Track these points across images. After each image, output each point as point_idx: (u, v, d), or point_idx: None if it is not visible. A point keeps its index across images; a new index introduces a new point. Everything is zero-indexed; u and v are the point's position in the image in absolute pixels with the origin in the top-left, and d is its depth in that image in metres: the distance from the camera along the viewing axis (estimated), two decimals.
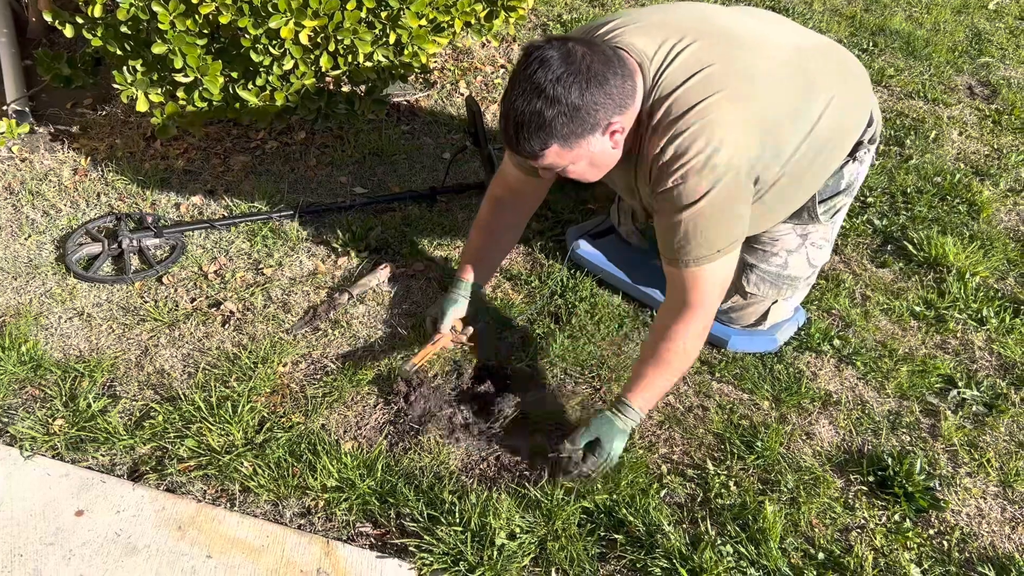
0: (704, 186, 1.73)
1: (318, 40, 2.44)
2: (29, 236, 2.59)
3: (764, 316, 2.28)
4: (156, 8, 2.26)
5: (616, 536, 1.84)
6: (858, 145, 2.08)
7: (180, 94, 2.48)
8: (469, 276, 2.22)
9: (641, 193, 1.98)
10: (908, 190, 2.99)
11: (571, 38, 1.70)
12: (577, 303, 2.41)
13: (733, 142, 1.72)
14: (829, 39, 2.09)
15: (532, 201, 2.28)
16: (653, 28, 1.84)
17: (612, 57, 1.71)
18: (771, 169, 1.88)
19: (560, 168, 1.79)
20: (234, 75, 2.51)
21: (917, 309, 2.48)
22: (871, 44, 4.01)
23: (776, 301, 2.25)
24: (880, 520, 1.92)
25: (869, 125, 2.08)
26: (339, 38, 2.42)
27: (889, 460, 2.02)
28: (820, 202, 2.12)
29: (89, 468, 1.94)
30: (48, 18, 2.50)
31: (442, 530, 1.80)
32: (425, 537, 1.80)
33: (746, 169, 1.77)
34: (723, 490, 1.95)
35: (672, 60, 1.77)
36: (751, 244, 2.20)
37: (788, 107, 1.86)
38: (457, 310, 2.19)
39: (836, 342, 2.34)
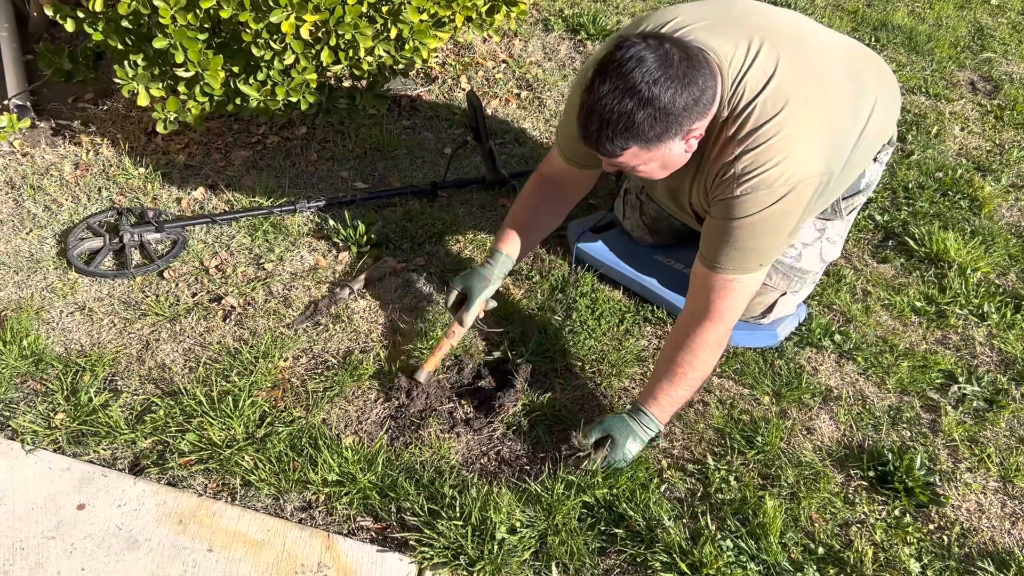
0: (769, 199, 1.72)
1: (319, 35, 2.44)
2: (30, 231, 2.59)
3: (770, 309, 2.28)
4: (157, 2, 2.25)
5: (616, 530, 1.84)
6: (881, 146, 2.10)
7: (181, 89, 2.48)
8: (506, 248, 2.16)
9: (692, 194, 1.96)
10: (909, 185, 2.98)
11: (665, 37, 1.65)
12: (578, 298, 2.41)
13: (805, 156, 1.72)
14: (856, 41, 2.10)
15: (578, 191, 2.25)
16: (724, 27, 1.80)
17: (701, 62, 1.66)
18: (835, 173, 1.87)
19: (630, 168, 1.75)
20: (235, 70, 2.51)
21: (918, 305, 2.48)
22: (873, 39, 4.00)
23: (785, 293, 2.25)
24: (880, 515, 1.92)
25: None
26: (340, 33, 2.42)
27: (889, 455, 2.02)
28: (843, 199, 2.14)
29: (90, 462, 1.95)
30: (49, 12, 2.49)
31: (443, 524, 1.81)
32: (425, 531, 1.80)
33: (814, 184, 1.76)
34: (723, 485, 1.95)
35: (749, 66, 1.74)
36: None
37: (849, 111, 1.86)
38: (487, 293, 2.13)
39: (837, 337, 2.34)
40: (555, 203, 2.24)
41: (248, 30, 2.37)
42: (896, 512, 1.93)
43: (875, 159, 2.13)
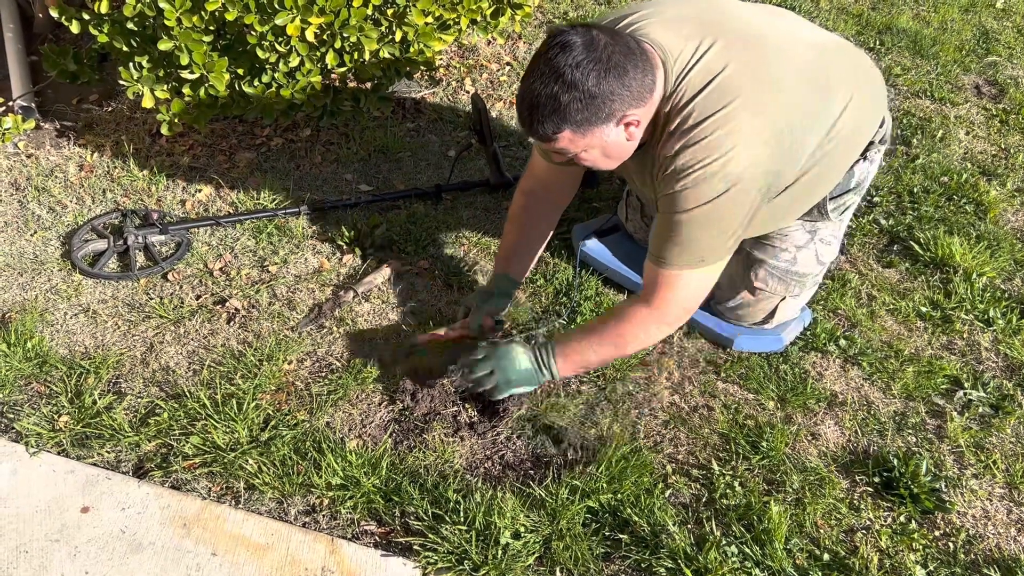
0: (709, 194, 1.73)
1: (324, 37, 2.44)
2: (35, 232, 2.59)
3: (771, 314, 2.27)
4: (163, 4, 2.25)
5: (621, 536, 1.83)
6: (869, 145, 2.07)
7: (186, 90, 2.48)
8: (505, 269, 2.25)
9: (653, 191, 1.98)
10: (915, 190, 2.98)
11: (595, 26, 1.70)
12: (582, 301, 2.41)
13: (747, 154, 1.72)
14: (843, 38, 2.09)
15: (563, 192, 2.28)
16: (678, 23, 1.82)
17: (635, 49, 1.69)
18: (786, 175, 1.87)
19: (573, 154, 1.79)
20: (240, 72, 2.51)
21: (923, 309, 2.48)
22: (878, 43, 4.00)
23: (784, 298, 2.25)
24: (885, 521, 1.92)
25: (881, 125, 2.07)
26: (345, 35, 2.42)
27: (895, 461, 2.01)
28: (830, 199, 2.11)
29: (95, 465, 1.94)
30: (54, 14, 2.49)
31: (447, 529, 1.80)
32: (430, 536, 1.80)
33: (758, 183, 1.76)
34: (728, 490, 1.95)
35: (696, 62, 1.75)
36: (760, 240, 2.20)
37: (807, 111, 1.85)
38: (491, 307, 2.21)
39: (842, 342, 2.34)
40: (544, 215, 2.28)
41: (253, 32, 2.37)
42: (901, 518, 1.92)
43: (865, 158, 2.08)
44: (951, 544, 1.88)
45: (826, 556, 1.82)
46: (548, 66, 1.64)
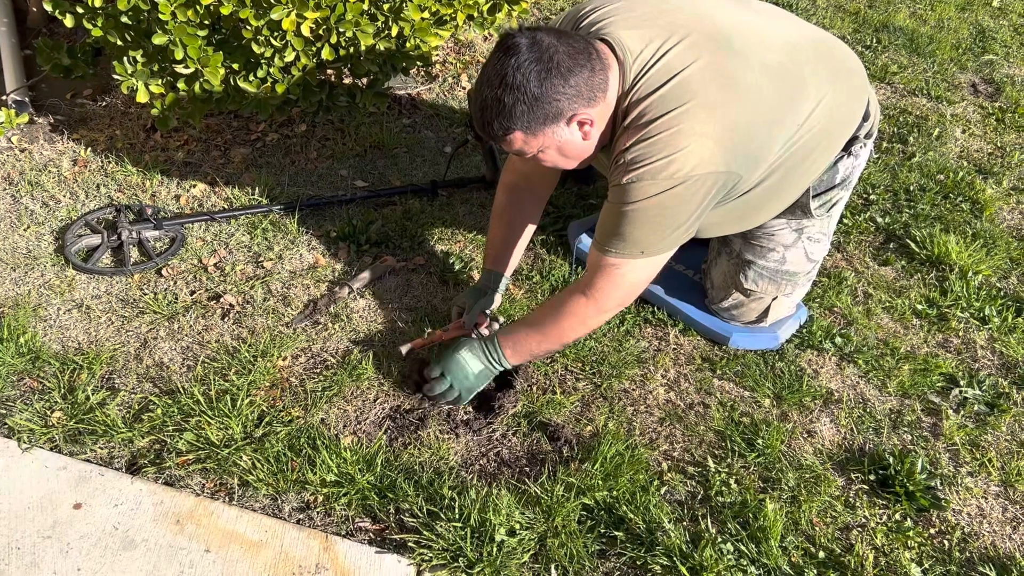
0: (653, 190, 1.73)
1: (320, 32, 2.42)
2: (28, 227, 2.57)
3: (765, 313, 2.27)
4: None
5: (616, 533, 1.83)
6: (853, 140, 2.04)
7: (181, 85, 2.47)
8: (495, 266, 2.27)
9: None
10: (911, 188, 2.98)
11: (542, 28, 1.72)
12: None
13: (698, 154, 1.71)
14: (826, 33, 2.06)
15: (544, 185, 2.30)
16: (643, 22, 1.81)
17: (583, 49, 1.71)
18: (751, 175, 1.86)
19: (530, 154, 1.82)
20: (235, 67, 2.49)
21: (919, 307, 2.48)
22: (875, 41, 4.00)
23: (776, 297, 2.24)
24: (881, 519, 1.92)
25: (865, 120, 2.04)
26: (341, 30, 2.41)
27: (890, 459, 2.01)
28: (814, 196, 2.08)
29: (87, 461, 1.93)
30: (48, 7, 2.48)
31: (441, 526, 1.80)
32: (424, 533, 1.79)
33: (708, 182, 1.75)
34: (724, 488, 1.95)
35: (656, 62, 1.74)
36: (749, 241, 2.19)
37: (771, 112, 1.83)
38: (484, 302, 2.22)
39: (838, 340, 2.34)
40: (528, 209, 2.29)
41: (248, 27, 2.35)
42: (897, 516, 1.92)
43: (850, 153, 2.06)
44: (946, 542, 1.88)
45: (821, 554, 1.82)
46: (494, 70, 1.69)
